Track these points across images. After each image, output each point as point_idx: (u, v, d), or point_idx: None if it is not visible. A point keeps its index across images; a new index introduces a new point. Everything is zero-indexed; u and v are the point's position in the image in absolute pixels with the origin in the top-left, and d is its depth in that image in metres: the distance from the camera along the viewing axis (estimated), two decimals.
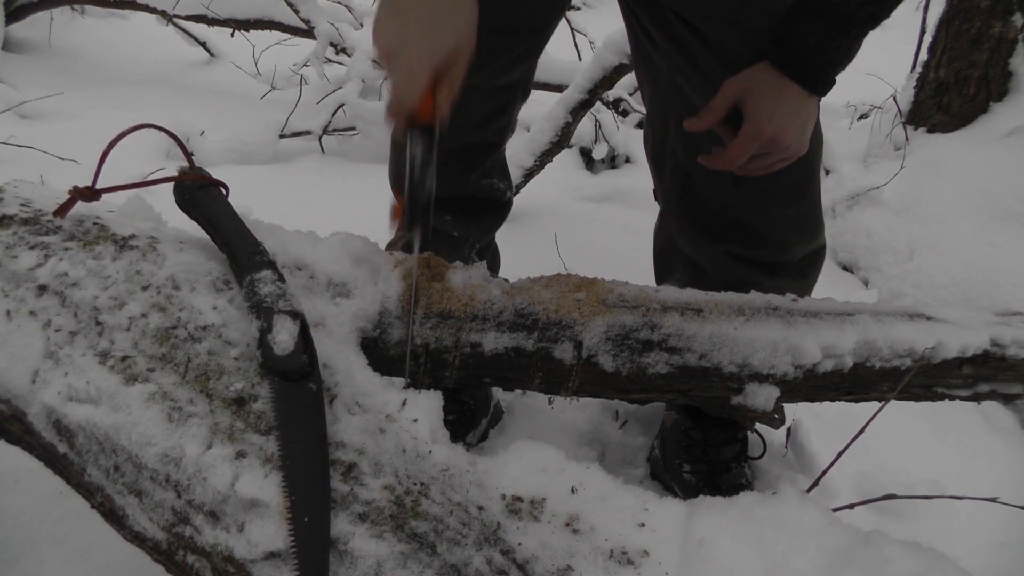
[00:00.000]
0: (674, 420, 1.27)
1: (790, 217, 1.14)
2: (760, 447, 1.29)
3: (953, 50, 2.47)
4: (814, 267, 1.23)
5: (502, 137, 1.30)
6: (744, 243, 1.16)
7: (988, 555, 1.25)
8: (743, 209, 1.13)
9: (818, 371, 0.91)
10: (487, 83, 1.11)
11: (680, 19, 1.01)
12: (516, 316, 0.88)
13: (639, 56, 1.17)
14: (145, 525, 0.67)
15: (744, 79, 0.96)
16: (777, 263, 1.18)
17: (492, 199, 1.35)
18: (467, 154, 1.22)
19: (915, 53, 2.84)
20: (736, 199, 1.12)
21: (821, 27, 0.91)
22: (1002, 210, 2.11)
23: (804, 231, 1.17)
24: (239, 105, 3.19)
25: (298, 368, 0.71)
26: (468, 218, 1.30)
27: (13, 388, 0.72)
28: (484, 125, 1.21)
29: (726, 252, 1.18)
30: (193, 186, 0.85)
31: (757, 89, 0.95)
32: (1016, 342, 0.96)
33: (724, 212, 1.15)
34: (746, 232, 1.14)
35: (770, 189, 1.09)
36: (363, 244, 0.91)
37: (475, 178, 1.29)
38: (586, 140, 2.98)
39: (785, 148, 0.97)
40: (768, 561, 0.66)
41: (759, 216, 1.13)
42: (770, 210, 1.13)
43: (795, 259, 1.18)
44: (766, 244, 1.15)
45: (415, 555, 0.63)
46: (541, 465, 0.74)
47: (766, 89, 0.95)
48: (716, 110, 0.99)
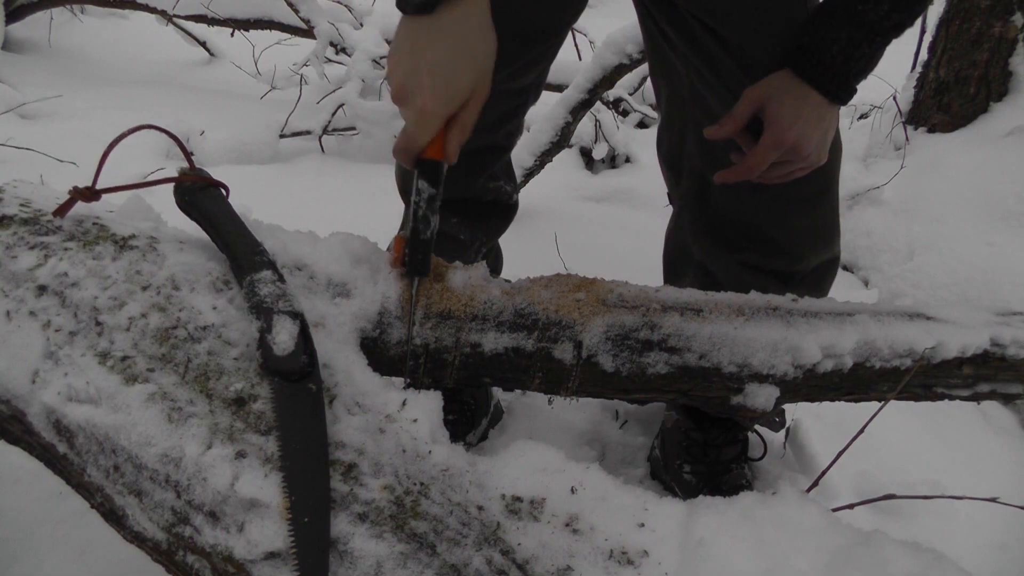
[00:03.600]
0: (674, 421, 1.27)
1: (807, 227, 1.13)
2: (760, 448, 1.29)
3: (953, 50, 2.47)
4: (827, 277, 1.22)
5: (511, 140, 1.29)
6: (760, 252, 1.15)
7: (988, 555, 1.26)
8: (760, 218, 1.12)
9: (818, 371, 0.91)
10: (500, 87, 1.10)
11: (700, 23, 1.00)
12: (516, 316, 0.88)
13: (656, 59, 1.16)
14: (145, 525, 0.67)
15: (765, 86, 0.95)
16: (791, 273, 1.17)
17: (499, 201, 1.34)
18: (476, 157, 1.22)
19: (915, 53, 2.84)
20: (753, 208, 1.11)
21: (847, 35, 0.90)
22: (1002, 210, 2.11)
23: (819, 241, 1.16)
24: (239, 105, 3.19)
25: (298, 368, 0.71)
26: (475, 220, 1.30)
27: (13, 388, 0.72)
28: (495, 128, 1.20)
29: (741, 262, 1.17)
30: (193, 187, 0.85)
31: (778, 97, 0.94)
32: (1016, 342, 0.96)
33: (740, 220, 1.14)
34: (762, 241, 1.13)
35: (788, 198, 1.08)
36: (363, 244, 0.91)
37: (483, 181, 1.28)
38: (586, 140, 2.98)
39: (806, 156, 0.96)
40: (768, 561, 0.66)
41: (776, 225, 1.12)
42: (787, 219, 1.12)
43: (808, 269, 1.18)
44: (782, 254, 1.14)
45: (415, 555, 0.63)
46: (541, 465, 0.74)
47: (788, 97, 0.94)
48: (737, 118, 0.97)
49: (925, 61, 2.61)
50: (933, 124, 2.55)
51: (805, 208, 1.11)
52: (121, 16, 4.43)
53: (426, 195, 0.83)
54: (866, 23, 0.90)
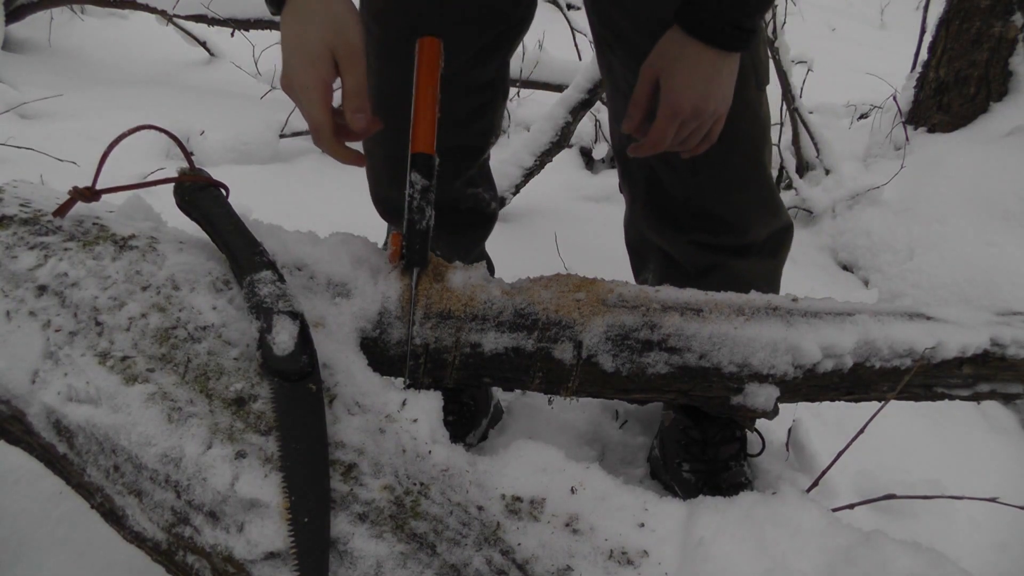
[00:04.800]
0: (672, 419, 1.27)
1: (747, 200, 1.17)
2: (759, 445, 1.29)
3: (953, 50, 2.47)
4: (783, 245, 1.26)
5: (485, 141, 1.29)
6: (708, 230, 1.18)
7: (988, 555, 1.26)
8: (703, 198, 1.15)
9: (818, 371, 0.91)
10: (462, 78, 1.11)
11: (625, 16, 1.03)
12: (516, 316, 0.88)
13: (601, 57, 1.19)
14: (145, 525, 0.67)
15: (657, 57, 0.95)
16: (743, 245, 1.20)
17: (477, 209, 1.34)
18: (450, 157, 1.21)
19: (915, 53, 2.84)
20: (695, 189, 1.14)
21: None
22: (1002, 210, 2.11)
23: (763, 211, 1.20)
24: (239, 105, 3.19)
25: (298, 368, 0.71)
26: (452, 232, 1.26)
27: (13, 388, 0.72)
28: (465, 125, 1.20)
29: (693, 241, 1.20)
30: (193, 187, 0.85)
31: (670, 65, 0.93)
32: (1016, 342, 0.96)
33: (687, 202, 1.17)
34: (708, 219, 1.17)
35: (723, 176, 1.11)
36: (363, 244, 0.91)
37: (459, 186, 1.28)
38: (586, 140, 2.98)
39: (714, 112, 0.95)
40: (768, 561, 0.66)
41: (718, 203, 1.16)
42: (727, 196, 1.15)
43: (760, 240, 1.21)
44: (729, 229, 1.18)
45: (415, 555, 0.63)
46: (541, 465, 0.74)
47: (679, 63, 0.93)
48: (639, 101, 0.97)
49: (925, 61, 2.61)
50: (933, 124, 2.55)
51: (740, 184, 1.15)
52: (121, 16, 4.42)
53: (419, 187, 0.87)
54: None
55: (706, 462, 1.21)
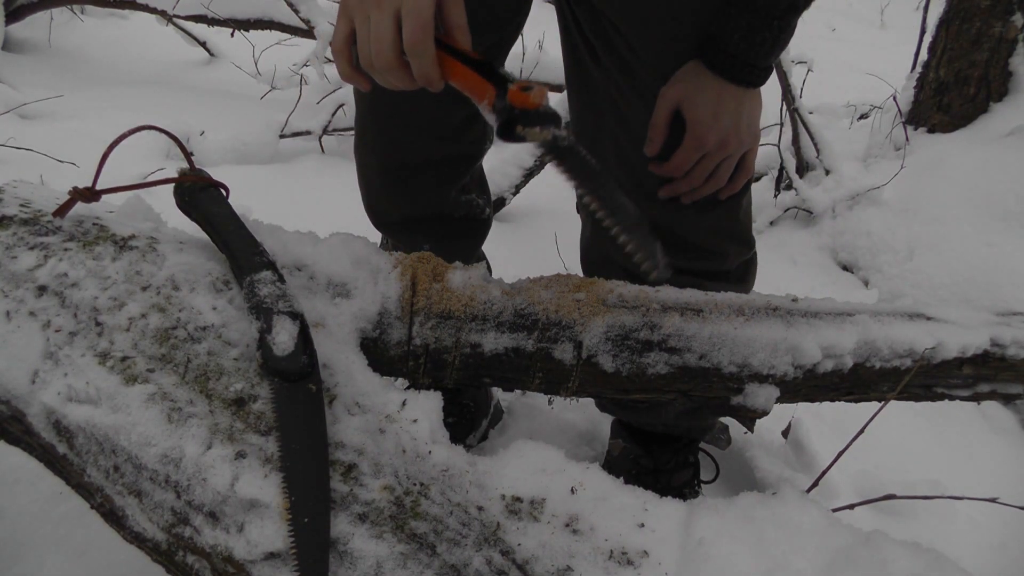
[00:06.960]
0: (621, 448, 1.24)
1: (727, 230, 1.12)
2: (713, 470, 1.28)
3: (953, 50, 2.47)
4: (749, 272, 1.21)
5: (478, 148, 1.26)
6: (686, 257, 1.11)
7: (988, 555, 1.26)
8: (684, 228, 1.10)
9: (818, 371, 0.91)
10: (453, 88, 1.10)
11: (616, 30, 0.99)
12: (516, 316, 0.88)
13: (575, 71, 1.14)
14: (145, 526, 0.67)
15: (680, 85, 0.95)
16: (717, 272, 1.16)
17: (471, 216, 1.30)
18: (444, 166, 1.19)
19: (915, 53, 2.84)
20: (675, 219, 1.08)
21: (746, 22, 0.91)
22: (1002, 210, 2.11)
23: (739, 242, 1.15)
24: (239, 105, 3.19)
25: (298, 368, 0.71)
26: (446, 239, 1.26)
27: (13, 388, 0.72)
28: (459, 134, 1.17)
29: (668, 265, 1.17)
30: (193, 187, 0.85)
31: (693, 97, 0.94)
32: (1016, 342, 0.96)
33: (666, 232, 1.09)
34: (685, 247, 1.10)
35: (710, 206, 1.06)
36: (363, 244, 0.91)
37: (455, 194, 1.25)
38: None
39: (737, 146, 0.96)
40: (768, 561, 0.66)
41: (700, 232, 1.11)
42: (710, 225, 1.10)
43: (732, 267, 1.17)
44: (707, 256, 1.13)
45: (415, 555, 0.63)
46: (541, 465, 0.74)
47: (702, 95, 0.94)
48: (659, 125, 0.97)
49: (925, 61, 2.61)
50: (933, 124, 2.55)
51: (726, 213, 1.10)
52: (121, 16, 4.42)
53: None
54: (760, 8, 0.91)
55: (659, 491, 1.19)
